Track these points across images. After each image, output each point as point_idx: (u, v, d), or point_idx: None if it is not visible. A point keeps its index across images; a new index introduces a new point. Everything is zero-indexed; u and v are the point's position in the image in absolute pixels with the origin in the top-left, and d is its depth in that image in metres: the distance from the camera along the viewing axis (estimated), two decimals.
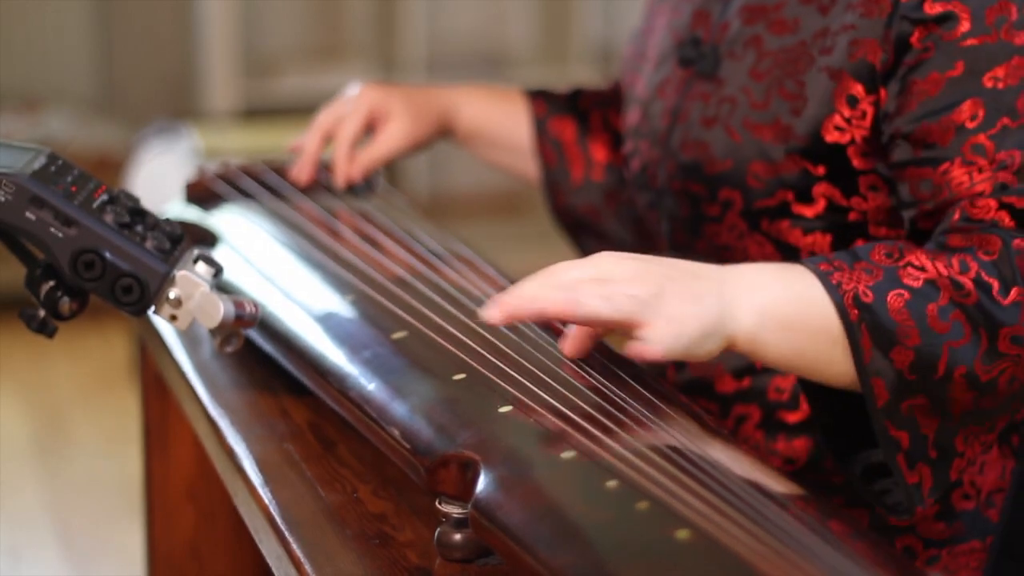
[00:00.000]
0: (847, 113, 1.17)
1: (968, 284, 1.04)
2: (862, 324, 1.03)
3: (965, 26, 1.10)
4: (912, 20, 1.12)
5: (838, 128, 1.18)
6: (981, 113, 1.09)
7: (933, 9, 1.11)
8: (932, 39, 1.11)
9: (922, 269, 1.05)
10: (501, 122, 1.57)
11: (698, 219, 1.28)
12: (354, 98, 1.52)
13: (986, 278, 1.05)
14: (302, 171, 1.52)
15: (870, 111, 1.16)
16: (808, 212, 1.21)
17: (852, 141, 1.17)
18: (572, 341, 1.05)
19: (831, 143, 1.18)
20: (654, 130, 1.33)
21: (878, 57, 1.14)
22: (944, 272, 1.05)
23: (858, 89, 1.16)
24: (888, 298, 1.03)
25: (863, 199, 1.19)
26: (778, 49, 1.22)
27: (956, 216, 1.09)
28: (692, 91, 1.29)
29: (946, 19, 1.11)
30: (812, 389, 1.10)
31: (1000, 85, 1.09)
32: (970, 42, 1.10)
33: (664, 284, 1.00)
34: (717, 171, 1.25)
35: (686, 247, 1.31)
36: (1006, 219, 1.08)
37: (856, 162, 1.18)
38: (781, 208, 1.22)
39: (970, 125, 1.10)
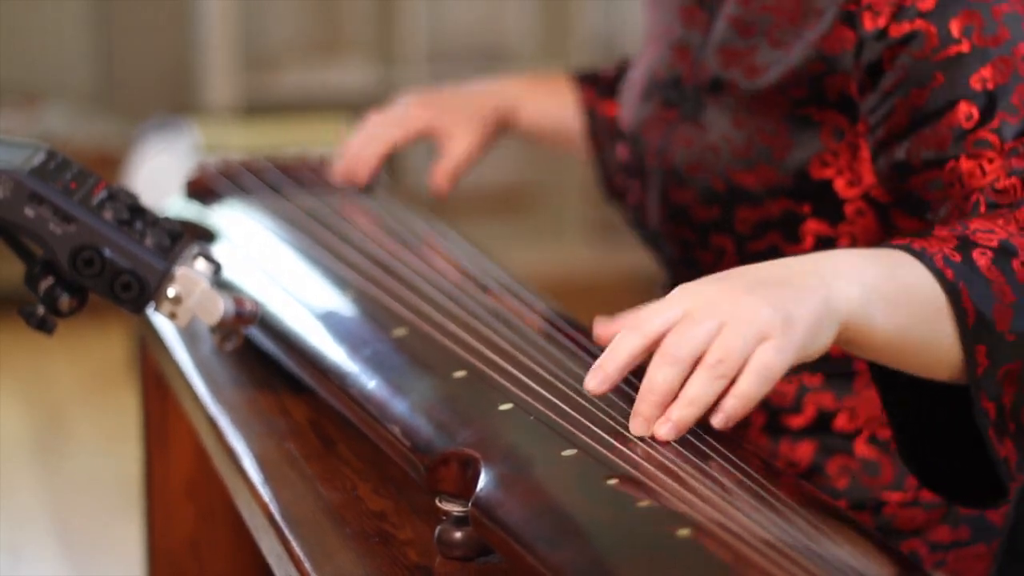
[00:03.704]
0: (833, 146, 1.16)
1: None
2: (960, 282, 0.96)
3: (933, 42, 1.09)
4: (879, 45, 1.11)
5: (824, 163, 1.17)
6: (976, 113, 1.07)
7: (899, 31, 1.10)
8: (904, 60, 1.10)
9: (990, 231, 0.99)
10: (559, 117, 1.57)
11: (692, 263, 1.27)
12: (412, 113, 1.53)
13: None
14: (354, 176, 1.52)
15: (857, 142, 1.15)
16: (797, 252, 1.19)
17: (840, 172, 1.16)
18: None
19: (817, 179, 1.17)
20: (642, 170, 1.32)
21: (854, 88, 1.13)
22: (1011, 230, 1.00)
23: (841, 121, 1.15)
24: (974, 256, 0.97)
25: (850, 224, 1.18)
26: (753, 97, 1.20)
27: (982, 207, 1.05)
28: (676, 133, 1.26)
29: (912, 38, 1.09)
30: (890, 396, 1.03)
31: (990, 85, 1.07)
32: (942, 55, 1.08)
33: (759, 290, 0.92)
34: (704, 218, 1.24)
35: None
36: None
37: (843, 192, 1.17)
38: (771, 252, 1.21)
39: (967, 125, 1.07)
